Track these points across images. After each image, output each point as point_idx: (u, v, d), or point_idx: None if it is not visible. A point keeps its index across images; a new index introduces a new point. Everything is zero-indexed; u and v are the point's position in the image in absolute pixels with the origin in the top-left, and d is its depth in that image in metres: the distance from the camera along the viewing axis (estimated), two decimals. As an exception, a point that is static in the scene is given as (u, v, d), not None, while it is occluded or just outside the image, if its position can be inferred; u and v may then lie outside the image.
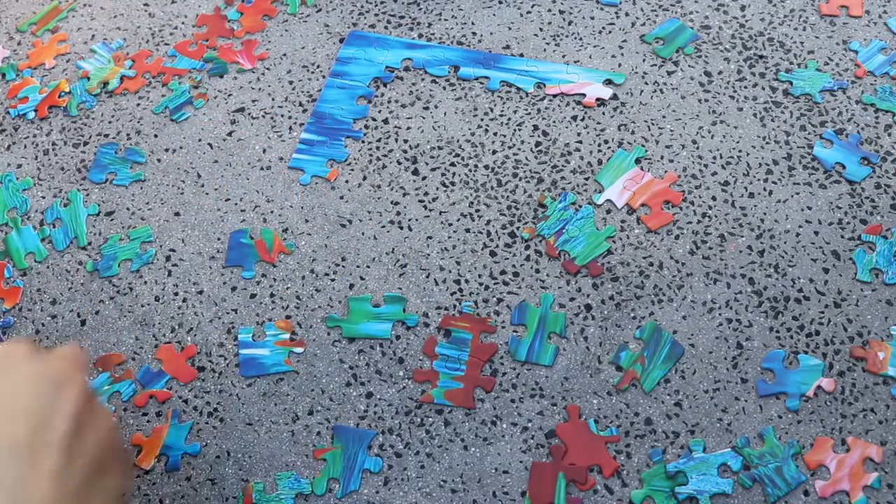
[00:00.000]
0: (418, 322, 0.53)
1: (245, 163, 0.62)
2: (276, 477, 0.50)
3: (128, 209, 0.60)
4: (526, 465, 0.50)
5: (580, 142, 0.62)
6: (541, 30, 0.68)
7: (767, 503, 0.48)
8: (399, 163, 0.61)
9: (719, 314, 0.54)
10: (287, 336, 0.54)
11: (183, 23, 0.70)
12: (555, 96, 0.64)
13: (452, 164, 0.61)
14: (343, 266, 0.57)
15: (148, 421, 0.52)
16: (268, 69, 0.67)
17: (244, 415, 0.52)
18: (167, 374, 0.53)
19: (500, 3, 0.69)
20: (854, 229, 0.57)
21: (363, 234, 0.58)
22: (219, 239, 0.59)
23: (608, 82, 0.64)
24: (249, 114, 0.65)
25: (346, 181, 0.61)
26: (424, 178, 0.61)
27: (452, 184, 0.60)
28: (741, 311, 0.54)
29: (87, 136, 0.64)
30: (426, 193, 0.60)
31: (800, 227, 0.57)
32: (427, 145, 0.62)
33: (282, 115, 0.64)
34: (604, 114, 0.63)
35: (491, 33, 0.67)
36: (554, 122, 0.63)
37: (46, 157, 0.63)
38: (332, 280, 0.56)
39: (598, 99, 0.64)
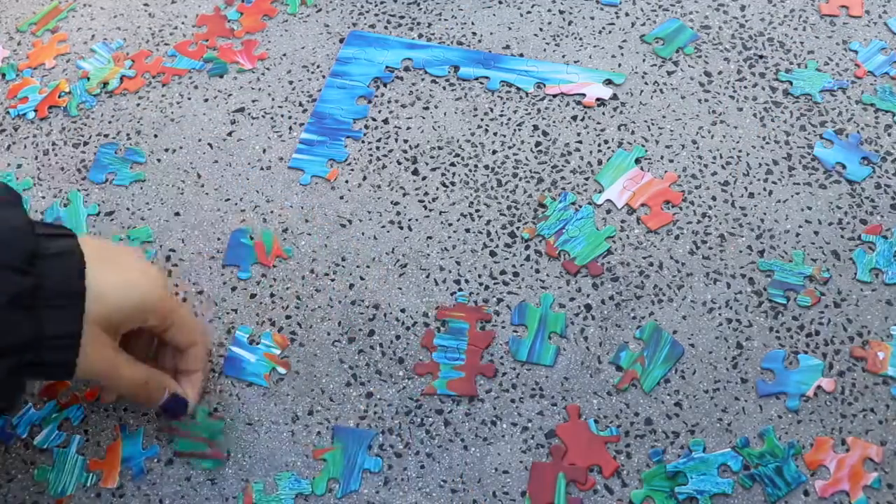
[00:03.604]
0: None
1: (245, 163, 0.62)
2: (275, 477, 0.50)
3: (128, 209, 0.60)
4: (526, 465, 0.50)
5: (580, 142, 0.62)
6: (541, 30, 0.68)
7: (767, 503, 0.48)
8: (399, 163, 0.61)
9: (719, 314, 0.54)
10: (278, 352, 0.54)
11: (183, 23, 0.70)
12: (555, 96, 0.64)
13: (452, 164, 0.61)
14: (343, 266, 0.57)
15: (99, 444, 0.51)
16: (268, 69, 0.67)
17: (244, 415, 0.52)
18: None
19: (500, 3, 0.69)
20: (854, 229, 0.57)
21: (363, 234, 0.58)
22: (219, 239, 0.59)
23: (608, 82, 0.64)
24: (249, 114, 0.65)
25: (346, 181, 0.61)
26: (424, 178, 0.61)
27: (452, 184, 0.60)
28: (741, 311, 0.54)
29: (87, 136, 0.64)
30: (426, 193, 0.60)
31: (800, 227, 0.57)
32: (427, 145, 0.62)
33: (282, 115, 0.64)
34: (604, 114, 0.63)
35: (491, 33, 0.67)
36: (554, 122, 0.63)
37: (46, 157, 0.63)
38: (332, 280, 0.56)
39: (598, 99, 0.64)
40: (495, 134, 0.62)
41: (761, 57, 0.65)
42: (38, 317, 0.40)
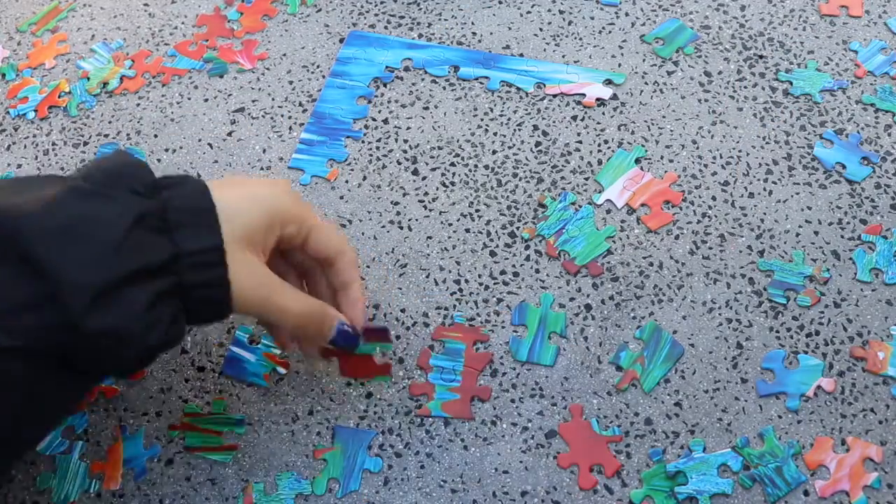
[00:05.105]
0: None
1: (245, 163, 0.62)
2: (276, 477, 0.50)
3: (128, 209, 0.60)
4: (526, 465, 0.50)
5: (580, 142, 0.62)
6: (541, 30, 0.68)
7: (767, 503, 0.48)
8: (399, 163, 0.61)
9: (719, 314, 0.54)
10: (278, 352, 0.54)
11: (183, 23, 0.70)
12: (555, 96, 0.64)
13: (452, 164, 0.61)
14: (343, 266, 0.57)
15: (99, 444, 0.51)
16: (268, 69, 0.67)
17: (244, 415, 0.52)
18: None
19: (500, 3, 0.69)
20: (854, 229, 0.57)
21: (363, 234, 0.58)
22: (219, 239, 0.59)
23: (608, 82, 0.64)
24: (249, 114, 0.65)
25: (346, 181, 0.61)
26: (424, 178, 0.61)
27: (452, 184, 0.60)
28: (741, 311, 0.54)
29: (87, 136, 0.64)
30: (426, 193, 0.60)
31: (800, 227, 0.57)
32: (427, 145, 0.62)
33: (282, 115, 0.64)
34: (604, 114, 0.63)
35: (491, 33, 0.68)
36: (554, 122, 0.63)
37: (46, 157, 0.63)
38: (332, 280, 0.56)
39: (598, 99, 0.64)
40: (495, 134, 0.62)
41: (761, 57, 0.65)
42: (171, 237, 0.38)
